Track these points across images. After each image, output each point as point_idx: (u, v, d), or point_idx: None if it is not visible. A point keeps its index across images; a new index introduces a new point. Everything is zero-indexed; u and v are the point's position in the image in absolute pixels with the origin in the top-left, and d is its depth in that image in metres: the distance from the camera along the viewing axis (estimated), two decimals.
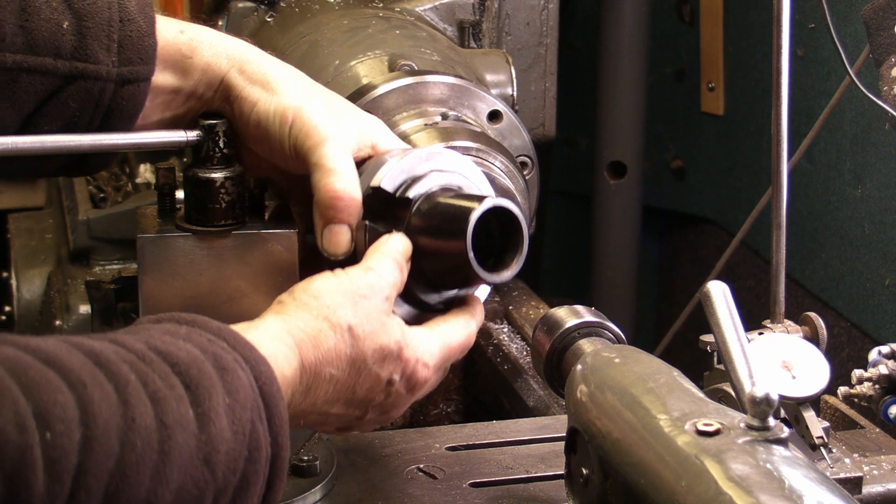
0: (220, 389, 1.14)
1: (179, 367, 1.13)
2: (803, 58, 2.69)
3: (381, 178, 1.42)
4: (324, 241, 1.42)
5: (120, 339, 1.14)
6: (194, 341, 1.18)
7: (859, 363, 1.72)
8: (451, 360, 1.44)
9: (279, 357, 1.26)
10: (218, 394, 1.14)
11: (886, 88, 1.97)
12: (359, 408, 1.38)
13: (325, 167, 1.41)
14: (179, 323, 1.22)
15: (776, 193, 1.72)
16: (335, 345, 1.31)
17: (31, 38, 1.38)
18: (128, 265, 2.35)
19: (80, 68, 1.39)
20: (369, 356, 1.33)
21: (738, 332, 1.36)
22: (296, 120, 1.42)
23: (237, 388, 1.16)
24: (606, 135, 3.14)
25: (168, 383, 1.11)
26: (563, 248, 3.55)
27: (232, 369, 1.17)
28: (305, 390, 1.30)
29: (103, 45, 1.40)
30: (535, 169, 1.73)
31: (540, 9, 2.37)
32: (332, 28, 1.96)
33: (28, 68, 1.38)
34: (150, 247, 1.45)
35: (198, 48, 1.45)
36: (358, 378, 1.34)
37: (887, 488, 1.60)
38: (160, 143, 1.47)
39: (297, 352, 1.29)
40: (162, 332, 1.19)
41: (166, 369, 1.12)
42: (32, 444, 0.99)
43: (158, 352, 1.14)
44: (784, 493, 1.07)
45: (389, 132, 1.51)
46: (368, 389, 1.35)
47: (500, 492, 1.54)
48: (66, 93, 1.40)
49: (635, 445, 1.21)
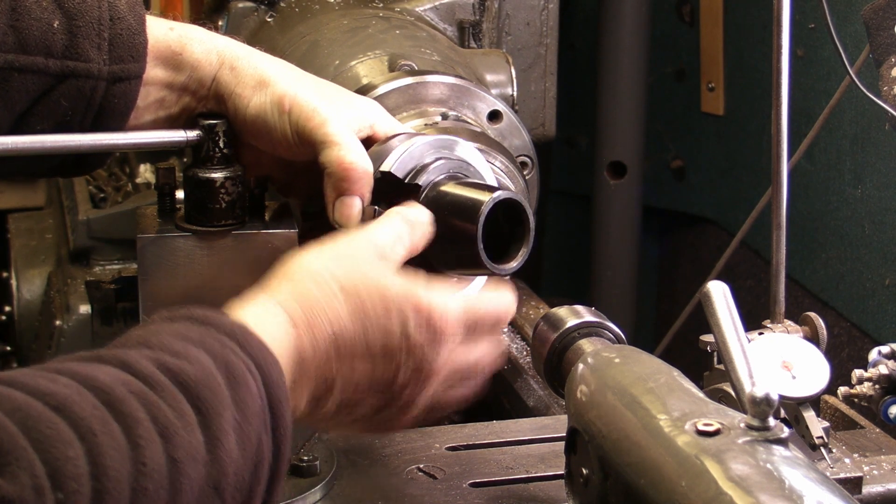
0: (230, 405, 1.14)
1: (190, 388, 1.12)
2: (803, 58, 2.69)
3: (390, 163, 1.43)
4: (336, 213, 1.42)
5: (131, 359, 1.12)
6: (207, 347, 1.17)
7: (859, 363, 1.72)
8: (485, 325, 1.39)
9: (272, 330, 1.24)
10: (228, 411, 1.13)
11: (886, 88, 1.97)
12: (385, 364, 1.32)
13: (334, 142, 1.42)
14: (193, 321, 1.20)
15: (776, 193, 1.72)
16: (326, 300, 1.28)
17: (21, 37, 1.38)
18: (128, 265, 2.35)
19: (71, 67, 1.40)
20: (369, 307, 1.30)
21: (738, 332, 1.36)
22: (293, 106, 1.43)
23: (247, 401, 1.15)
24: (606, 135, 3.14)
25: (178, 412, 1.10)
26: (563, 248, 3.55)
27: (243, 380, 1.16)
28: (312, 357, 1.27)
29: (94, 44, 1.40)
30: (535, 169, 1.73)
31: (540, 9, 2.37)
32: (332, 28, 1.96)
33: (19, 68, 1.38)
34: (150, 247, 1.45)
35: (187, 45, 1.46)
36: (365, 333, 1.30)
37: (887, 488, 1.60)
38: (160, 142, 1.47)
39: (287, 317, 1.27)
40: (175, 336, 1.17)
41: (177, 395, 1.11)
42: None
43: (168, 371, 1.12)
44: (784, 493, 1.07)
45: (386, 114, 1.52)
46: (384, 345, 1.31)
47: (500, 492, 1.54)
48: (58, 92, 1.40)
49: (635, 445, 1.21)
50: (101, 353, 1.14)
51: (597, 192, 3.18)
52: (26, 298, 2.46)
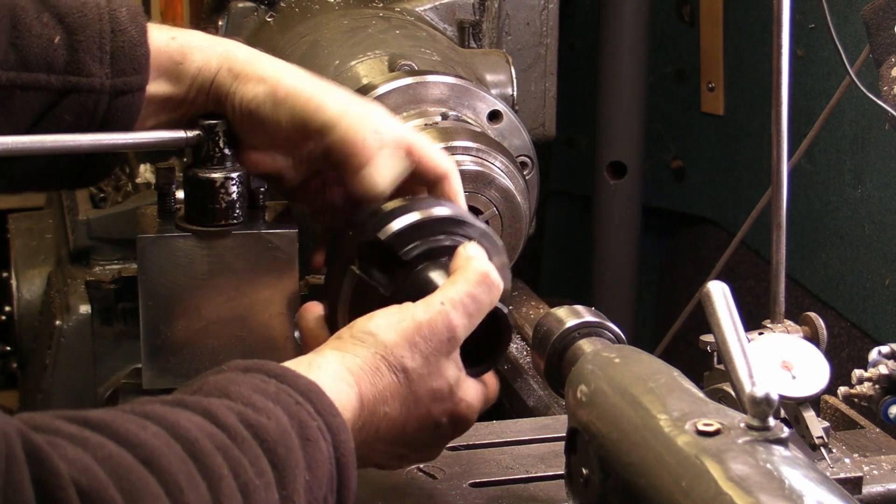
0: (303, 466, 1.15)
1: (268, 445, 1.13)
2: (803, 58, 2.69)
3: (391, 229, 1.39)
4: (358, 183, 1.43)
5: (214, 409, 1.13)
6: (283, 404, 1.17)
7: (859, 363, 1.72)
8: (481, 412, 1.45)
9: (342, 397, 1.25)
10: (301, 472, 1.15)
11: (886, 88, 1.97)
12: (406, 446, 1.38)
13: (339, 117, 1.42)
14: (269, 375, 1.20)
15: (776, 193, 1.72)
16: (390, 384, 1.31)
17: (23, 54, 1.39)
18: (128, 265, 2.34)
19: (73, 82, 1.40)
20: (423, 396, 1.33)
21: (738, 332, 1.36)
22: (289, 96, 1.43)
23: (318, 462, 1.17)
24: (606, 135, 3.14)
25: (258, 469, 1.12)
26: (563, 248, 3.55)
27: (315, 440, 1.17)
28: (361, 427, 1.30)
29: (96, 58, 1.41)
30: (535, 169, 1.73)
31: (540, 9, 2.37)
32: (332, 28, 1.96)
33: (22, 85, 1.39)
34: (150, 247, 1.45)
35: (189, 54, 1.46)
36: (409, 417, 1.34)
37: (887, 488, 1.60)
38: (160, 142, 1.47)
39: (356, 390, 1.28)
40: (252, 389, 1.18)
41: (257, 451, 1.12)
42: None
43: (249, 425, 1.13)
44: (784, 493, 1.07)
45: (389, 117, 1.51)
46: (418, 429, 1.35)
47: (500, 492, 1.54)
48: (61, 107, 1.40)
49: (635, 445, 1.21)
50: (185, 398, 1.15)
51: (597, 192, 3.18)
52: (26, 298, 2.46)
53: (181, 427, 1.09)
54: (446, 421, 1.37)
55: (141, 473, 1.03)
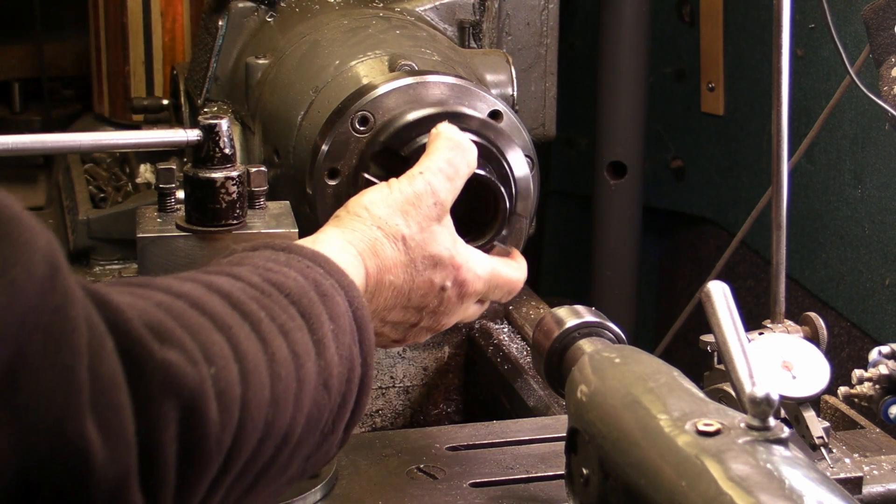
0: (326, 317, 1.21)
1: (293, 297, 1.19)
2: (803, 58, 2.69)
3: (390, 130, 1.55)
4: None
5: (236, 272, 1.19)
6: (296, 268, 1.24)
7: (859, 363, 1.72)
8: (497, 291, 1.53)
9: (349, 268, 1.32)
10: (325, 321, 1.21)
11: (886, 88, 1.97)
12: (414, 312, 1.47)
13: None
14: (275, 249, 1.27)
15: (776, 193, 1.72)
16: (391, 253, 1.40)
17: None
18: (128, 265, 2.34)
19: None
20: (420, 262, 1.42)
21: (738, 332, 1.36)
22: None
23: (338, 314, 1.23)
24: (606, 135, 3.14)
25: (289, 314, 1.17)
26: (563, 248, 3.55)
27: (331, 296, 1.23)
28: (370, 298, 1.38)
29: None
30: (536, 169, 1.73)
31: (540, 9, 2.37)
32: (332, 28, 1.96)
33: None
34: (150, 247, 1.45)
35: None
36: (413, 283, 1.43)
37: (887, 488, 1.60)
38: (160, 142, 1.47)
39: (361, 261, 1.37)
40: (265, 259, 1.24)
41: (284, 301, 1.18)
42: (205, 377, 1.03)
43: (273, 283, 1.19)
44: (784, 493, 1.07)
45: None
46: (423, 295, 1.45)
47: (500, 492, 1.54)
48: None
49: (635, 445, 1.21)
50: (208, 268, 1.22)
51: (597, 192, 3.18)
52: None
53: (214, 283, 1.15)
54: (450, 285, 1.46)
55: (192, 314, 1.08)
